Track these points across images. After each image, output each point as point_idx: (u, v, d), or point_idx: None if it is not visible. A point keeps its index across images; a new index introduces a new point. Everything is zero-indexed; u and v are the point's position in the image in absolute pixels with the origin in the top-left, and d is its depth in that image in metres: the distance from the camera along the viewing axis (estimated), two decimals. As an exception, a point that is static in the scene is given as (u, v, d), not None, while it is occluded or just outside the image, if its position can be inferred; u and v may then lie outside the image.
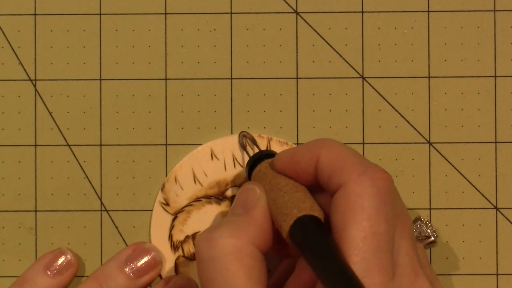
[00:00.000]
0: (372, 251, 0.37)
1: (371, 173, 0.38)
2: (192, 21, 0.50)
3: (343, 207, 0.38)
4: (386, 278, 0.37)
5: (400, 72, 0.49)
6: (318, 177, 0.40)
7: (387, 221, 0.37)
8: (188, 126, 0.50)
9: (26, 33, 0.50)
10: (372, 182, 0.38)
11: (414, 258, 0.39)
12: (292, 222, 0.38)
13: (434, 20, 0.50)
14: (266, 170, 0.43)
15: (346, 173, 0.38)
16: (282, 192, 0.40)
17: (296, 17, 0.50)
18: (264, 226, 0.40)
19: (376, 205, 0.37)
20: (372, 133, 0.49)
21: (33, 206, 0.49)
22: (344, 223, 0.37)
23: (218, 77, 0.50)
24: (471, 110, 0.49)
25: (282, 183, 0.41)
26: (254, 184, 0.42)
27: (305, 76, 0.50)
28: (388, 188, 0.38)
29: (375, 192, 0.38)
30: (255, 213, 0.40)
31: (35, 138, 0.50)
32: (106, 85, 0.50)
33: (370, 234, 0.37)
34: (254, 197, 0.41)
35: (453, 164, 0.49)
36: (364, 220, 0.37)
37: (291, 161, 0.41)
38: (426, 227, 0.43)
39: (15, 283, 0.47)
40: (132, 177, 0.49)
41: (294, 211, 0.39)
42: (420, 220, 0.43)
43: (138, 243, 0.48)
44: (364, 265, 0.36)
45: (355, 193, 0.38)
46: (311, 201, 0.40)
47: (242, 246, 0.39)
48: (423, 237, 0.43)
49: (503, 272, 0.49)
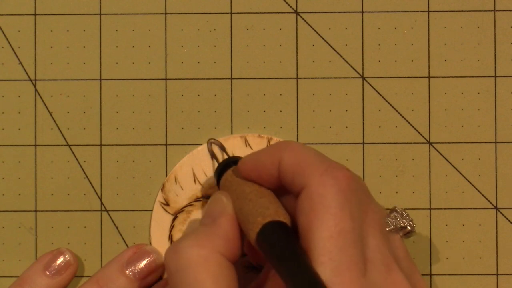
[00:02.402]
0: (339, 250, 0.37)
1: (333, 172, 0.38)
2: (192, 21, 0.50)
3: (307, 209, 0.38)
4: (357, 274, 0.37)
5: (400, 72, 0.49)
6: (282, 179, 0.40)
7: (352, 218, 0.38)
8: (188, 126, 0.49)
9: (26, 33, 0.50)
10: (334, 181, 0.38)
11: (386, 253, 0.39)
12: (257, 230, 0.39)
13: (434, 20, 0.50)
14: (231, 178, 0.43)
15: (308, 174, 0.39)
16: (247, 200, 0.40)
17: (296, 17, 0.50)
18: (230, 234, 0.40)
19: (340, 204, 0.38)
20: (372, 133, 0.49)
21: (33, 206, 0.49)
22: (310, 224, 0.37)
23: (218, 77, 0.50)
24: (471, 110, 0.49)
25: (246, 190, 0.41)
26: (221, 193, 0.42)
27: (305, 76, 0.49)
28: (350, 185, 0.38)
29: (337, 191, 0.38)
30: (220, 222, 0.41)
31: (35, 138, 0.49)
32: (106, 85, 0.50)
33: (336, 233, 0.37)
34: (221, 207, 0.41)
35: (453, 164, 0.49)
36: (329, 220, 0.37)
37: (254, 165, 0.42)
38: (402, 218, 0.43)
39: (15, 283, 0.47)
40: (132, 177, 0.49)
41: (259, 219, 0.39)
42: (395, 211, 0.43)
43: (138, 245, 0.48)
44: (332, 264, 0.36)
45: (318, 194, 0.38)
46: (275, 206, 0.40)
47: (207, 254, 0.39)
48: (399, 228, 0.42)
49: (503, 272, 0.49)
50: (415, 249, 0.49)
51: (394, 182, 0.49)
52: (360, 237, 0.38)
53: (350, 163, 0.49)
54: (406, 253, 0.42)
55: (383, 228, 0.40)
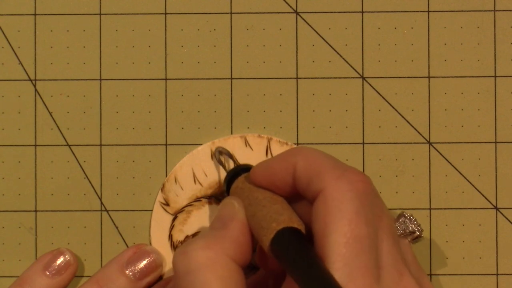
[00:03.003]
0: (355, 256, 0.36)
1: (349, 177, 0.38)
2: (192, 21, 0.50)
3: (323, 214, 0.38)
4: (371, 281, 0.36)
5: (400, 72, 0.49)
6: (297, 185, 0.40)
7: (367, 224, 0.37)
8: (188, 126, 0.49)
9: (26, 33, 0.50)
10: (350, 185, 0.38)
11: (398, 258, 0.39)
12: (271, 236, 0.38)
13: (434, 20, 0.50)
14: (243, 185, 0.43)
15: (324, 178, 0.38)
16: (260, 206, 0.40)
17: (296, 17, 0.50)
18: (240, 239, 0.40)
19: (356, 209, 0.37)
20: (372, 133, 0.49)
21: (33, 206, 0.49)
22: (325, 229, 0.37)
23: (218, 77, 0.50)
24: (471, 110, 0.49)
25: (259, 197, 0.41)
26: (233, 198, 0.42)
27: (305, 76, 0.49)
28: (367, 190, 0.38)
29: (353, 196, 0.38)
30: (231, 226, 0.40)
31: (35, 138, 0.49)
32: (106, 85, 0.50)
33: (351, 239, 0.37)
34: (232, 211, 0.41)
35: (453, 164, 0.49)
36: (344, 225, 0.37)
37: (267, 173, 0.41)
38: (410, 223, 0.43)
39: (14, 284, 0.47)
40: (132, 177, 0.49)
41: (273, 225, 0.39)
42: (403, 216, 0.43)
43: (138, 245, 0.48)
44: (347, 270, 0.36)
45: (333, 198, 0.38)
46: (289, 212, 0.40)
47: (216, 257, 0.39)
48: (408, 233, 0.43)
49: (503, 272, 0.49)
50: (415, 249, 0.49)
51: (394, 182, 0.49)
52: (374, 243, 0.38)
53: (350, 163, 0.49)
54: (414, 257, 0.42)
55: (395, 232, 0.40)
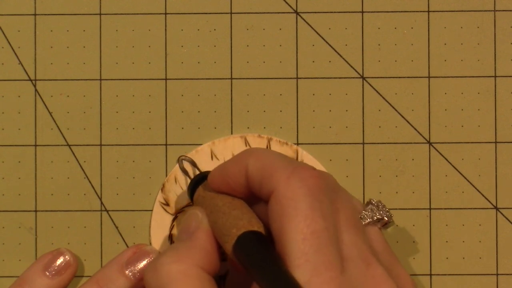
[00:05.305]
0: (315, 251, 0.37)
1: (299, 174, 0.38)
2: (192, 21, 0.50)
3: (278, 213, 0.38)
4: (335, 273, 0.36)
5: (400, 72, 0.49)
6: (250, 187, 0.40)
7: (324, 218, 0.37)
8: (188, 126, 0.49)
9: (26, 33, 0.50)
10: (300, 182, 0.38)
11: (363, 247, 0.38)
12: (233, 242, 0.39)
13: (434, 20, 0.50)
14: (204, 194, 0.43)
15: (275, 178, 0.38)
16: (220, 213, 0.41)
17: (296, 17, 0.50)
18: (207, 248, 0.40)
19: (309, 204, 0.37)
20: (372, 133, 0.49)
21: (33, 206, 0.49)
22: (282, 228, 0.37)
23: (218, 77, 0.50)
24: (471, 110, 0.49)
25: (219, 203, 0.41)
26: (196, 208, 0.43)
27: (305, 76, 0.50)
28: (319, 185, 0.38)
29: (306, 192, 0.38)
30: (197, 236, 0.41)
31: (35, 138, 0.49)
32: (106, 85, 0.50)
33: (309, 234, 0.37)
34: (196, 221, 0.41)
35: (453, 164, 0.49)
36: (300, 222, 0.37)
37: (222, 177, 0.42)
38: (378, 209, 0.43)
39: (14, 284, 0.47)
40: (132, 177, 0.49)
41: (233, 231, 0.39)
42: (371, 203, 0.43)
43: (138, 245, 0.48)
44: (310, 265, 0.36)
45: (286, 197, 0.38)
46: (248, 216, 0.40)
47: (186, 269, 0.39)
48: (376, 220, 0.42)
49: (503, 272, 0.49)
50: (415, 249, 0.49)
51: (394, 182, 0.49)
52: (334, 235, 0.38)
53: (350, 163, 0.49)
54: (385, 245, 0.41)
55: (357, 222, 0.40)
